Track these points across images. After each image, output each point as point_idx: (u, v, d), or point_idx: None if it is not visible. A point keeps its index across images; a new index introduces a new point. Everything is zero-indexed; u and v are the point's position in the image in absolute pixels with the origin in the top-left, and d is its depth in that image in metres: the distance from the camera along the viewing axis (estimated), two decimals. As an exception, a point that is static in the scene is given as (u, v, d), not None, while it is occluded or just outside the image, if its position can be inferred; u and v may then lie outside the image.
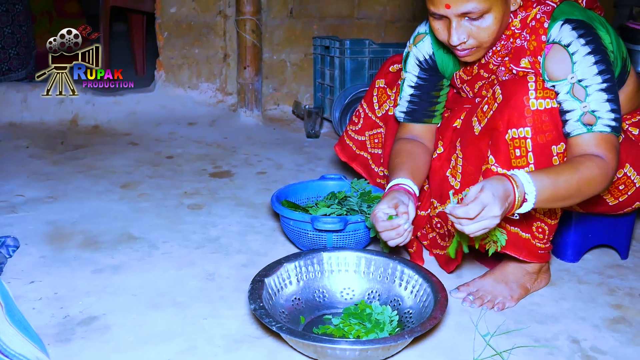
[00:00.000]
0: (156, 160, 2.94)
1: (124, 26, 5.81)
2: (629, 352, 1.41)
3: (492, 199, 1.22)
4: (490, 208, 1.22)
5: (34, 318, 1.47)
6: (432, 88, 1.72)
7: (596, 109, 1.38)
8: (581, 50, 1.38)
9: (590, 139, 1.39)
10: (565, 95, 1.40)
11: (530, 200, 1.29)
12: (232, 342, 1.41)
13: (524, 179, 1.29)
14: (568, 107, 1.40)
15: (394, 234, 1.43)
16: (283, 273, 1.54)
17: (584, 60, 1.38)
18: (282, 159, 3.01)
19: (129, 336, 1.43)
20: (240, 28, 3.67)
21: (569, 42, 1.40)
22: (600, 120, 1.38)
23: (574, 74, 1.39)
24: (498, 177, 1.28)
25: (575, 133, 1.40)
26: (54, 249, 1.89)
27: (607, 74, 1.38)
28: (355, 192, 1.94)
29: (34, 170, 2.73)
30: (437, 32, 1.48)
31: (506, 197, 1.25)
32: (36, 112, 3.62)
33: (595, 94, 1.38)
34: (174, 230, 2.07)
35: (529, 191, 1.28)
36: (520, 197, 1.28)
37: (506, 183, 1.27)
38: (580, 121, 1.39)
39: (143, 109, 3.74)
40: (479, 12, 1.37)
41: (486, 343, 1.41)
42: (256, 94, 3.79)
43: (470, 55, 1.49)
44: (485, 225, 1.24)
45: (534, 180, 1.29)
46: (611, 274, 1.81)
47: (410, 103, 1.74)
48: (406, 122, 1.76)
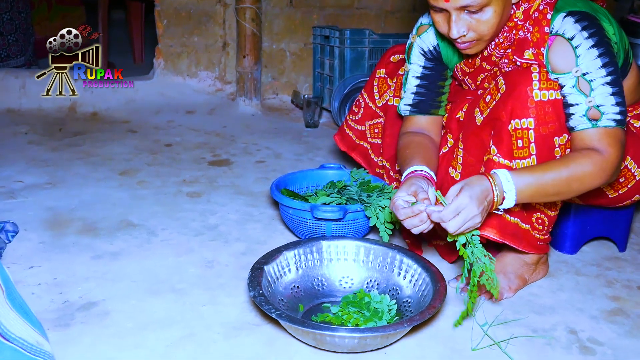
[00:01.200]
0: (155, 148, 2.93)
1: (122, 14, 5.78)
2: (626, 343, 1.42)
3: (469, 201, 1.28)
4: (469, 209, 1.28)
5: (33, 303, 1.47)
6: (438, 77, 1.71)
7: (601, 103, 1.38)
8: (585, 43, 1.38)
9: (594, 133, 1.39)
10: (571, 89, 1.40)
11: (509, 198, 1.34)
12: (231, 329, 1.41)
13: (503, 177, 1.34)
14: (573, 101, 1.40)
15: (417, 221, 1.36)
16: (282, 261, 1.54)
17: (587, 54, 1.38)
18: (280, 148, 3.01)
19: (128, 322, 1.43)
20: (240, 16, 3.66)
21: (573, 35, 1.39)
22: (605, 115, 1.38)
23: (579, 67, 1.39)
24: (478, 177, 1.34)
25: (579, 128, 1.40)
26: (53, 234, 1.89)
27: (611, 66, 1.38)
28: (355, 181, 1.94)
29: (33, 156, 2.73)
30: (438, 24, 1.47)
31: (484, 196, 1.31)
32: (35, 99, 3.61)
33: (600, 88, 1.38)
34: (173, 217, 2.06)
35: (507, 189, 1.33)
36: (500, 195, 1.33)
37: (484, 182, 1.32)
38: (585, 116, 1.39)
39: (142, 96, 3.74)
40: (478, 5, 1.37)
41: (484, 333, 1.42)
42: (255, 83, 3.78)
43: (471, 48, 1.48)
44: (468, 225, 1.30)
45: (515, 178, 1.34)
46: (609, 266, 1.81)
47: (416, 95, 1.72)
48: (412, 114, 1.74)
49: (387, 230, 1.67)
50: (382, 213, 1.68)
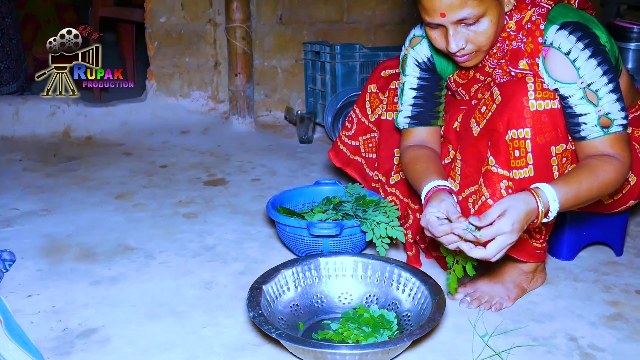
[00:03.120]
0: (150, 170, 2.93)
1: (113, 36, 5.80)
2: (627, 348, 1.42)
3: (510, 228, 1.25)
4: (508, 237, 1.26)
5: (32, 332, 1.47)
6: (435, 87, 1.70)
7: (610, 111, 1.40)
8: (582, 55, 1.39)
9: (606, 140, 1.42)
10: (580, 101, 1.41)
11: (551, 215, 1.33)
12: (232, 350, 1.41)
13: (550, 196, 1.31)
14: (582, 111, 1.42)
15: (455, 237, 1.34)
16: (281, 279, 1.54)
17: (587, 64, 1.39)
18: (275, 165, 3.01)
19: (129, 347, 1.43)
20: (231, 35, 3.68)
21: (569, 50, 1.40)
22: (615, 122, 1.41)
23: (582, 78, 1.40)
24: (524, 196, 1.30)
25: (592, 137, 1.42)
26: (50, 262, 1.89)
27: (611, 72, 1.40)
28: (350, 196, 1.94)
29: (28, 183, 2.73)
30: (435, 41, 1.48)
31: (527, 220, 1.29)
32: (28, 125, 3.60)
33: (606, 96, 1.40)
34: (170, 239, 2.07)
35: (552, 209, 1.32)
36: (543, 214, 1.32)
37: (531, 203, 1.29)
38: (598, 125, 1.41)
39: (135, 118, 3.74)
40: (475, 17, 1.37)
41: (485, 344, 1.42)
42: (248, 100, 3.80)
43: (470, 60, 1.49)
44: (503, 252, 1.28)
45: (559, 195, 1.32)
46: (606, 271, 1.82)
47: (414, 106, 1.71)
48: (412, 127, 1.72)
49: (384, 244, 1.68)
50: (377, 228, 1.69)
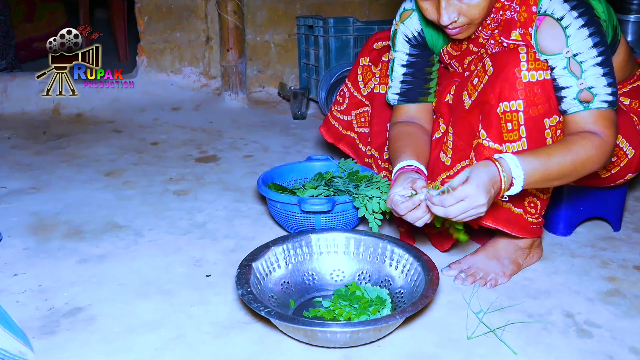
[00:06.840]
0: (140, 147, 2.89)
1: (105, 13, 5.72)
2: (624, 324, 1.40)
3: (476, 190, 1.22)
4: (475, 199, 1.22)
5: (18, 311, 1.44)
6: (425, 64, 1.67)
7: (593, 85, 1.35)
8: (574, 23, 1.35)
9: (588, 116, 1.36)
10: (562, 71, 1.37)
11: (517, 184, 1.29)
12: (221, 328, 1.38)
13: (512, 162, 1.28)
14: (564, 84, 1.37)
15: (421, 213, 1.32)
16: (271, 257, 1.51)
17: (578, 34, 1.35)
18: (268, 141, 2.97)
19: (115, 326, 1.40)
20: (222, 10, 3.61)
21: (562, 15, 1.36)
22: (597, 97, 1.35)
23: (569, 47, 1.35)
24: (484, 163, 1.27)
25: (572, 111, 1.38)
26: (37, 240, 1.86)
27: (602, 46, 1.35)
28: (343, 172, 1.91)
29: (17, 161, 2.69)
30: (426, 12, 1.44)
31: (492, 184, 1.25)
32: (17, 102, 3.56)
33: (591, 69, 1.35)
34: (159, 217, 2.03)
35: (516, 175, 1.28)
36: (507, 181, 1.27)
37: (491, 168, 1.26)
38: (577, 99, 1.36)
39: (126, 95, 3.69)
40: None
41: (479, 320, 1.40)
42: (240, 76, 3.74)
43: (462, 33, 1.45)
44: (471, 213, 1.24)
45: (522, 163, 1.28)
46: (604, 247, 1.79)
47: (403, 83, 1.69)
48: (401, 103, 1.70)
49: (377, 220, 1.64)
50: (370, 203, 1.65)
